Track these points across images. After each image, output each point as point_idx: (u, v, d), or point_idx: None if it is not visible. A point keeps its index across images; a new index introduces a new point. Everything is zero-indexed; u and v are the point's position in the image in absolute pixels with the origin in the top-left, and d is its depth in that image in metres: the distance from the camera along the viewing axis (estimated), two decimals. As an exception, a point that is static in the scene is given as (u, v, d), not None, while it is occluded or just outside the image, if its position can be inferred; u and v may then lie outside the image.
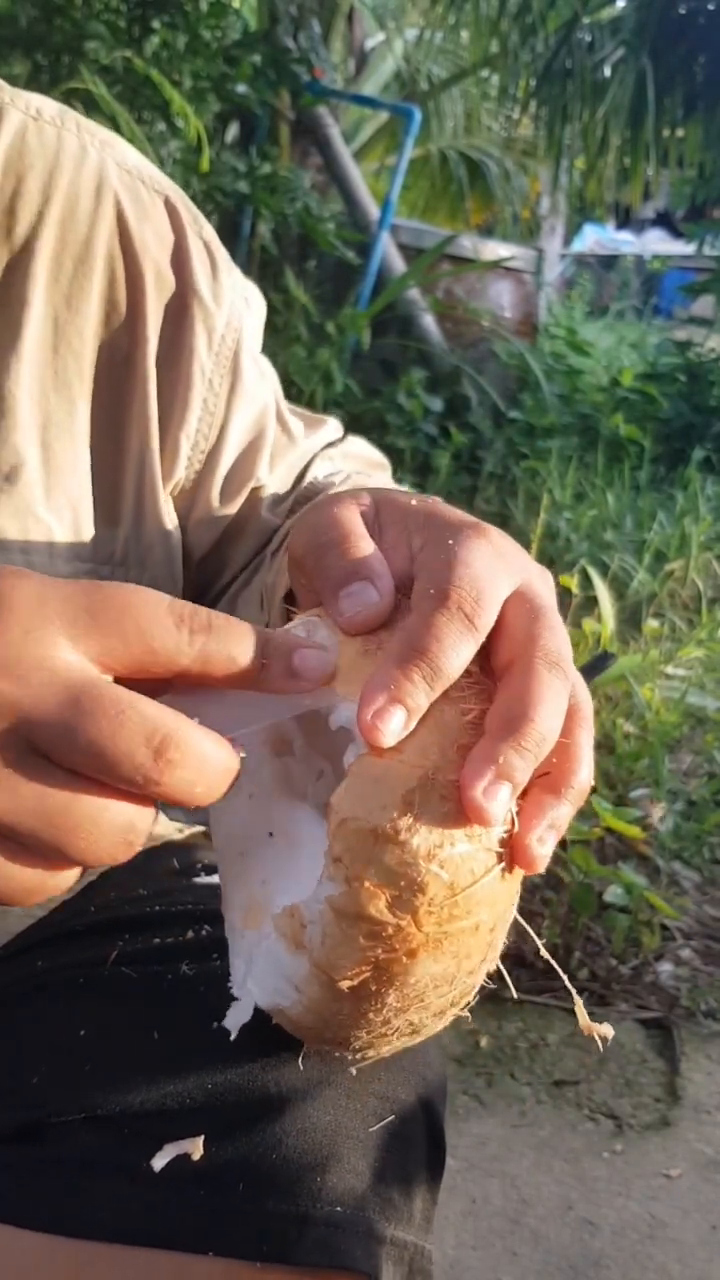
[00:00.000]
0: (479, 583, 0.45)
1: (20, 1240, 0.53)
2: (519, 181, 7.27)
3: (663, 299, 10.47)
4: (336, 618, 0.46)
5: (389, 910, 0.40)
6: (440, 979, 0.43)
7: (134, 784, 0.40)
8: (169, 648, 0.42)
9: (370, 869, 0.40)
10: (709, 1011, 1.77)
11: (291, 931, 0.43)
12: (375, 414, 4.33)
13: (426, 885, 0.40)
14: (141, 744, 0.40)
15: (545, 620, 0.47)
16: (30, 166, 0.65)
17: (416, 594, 0.45)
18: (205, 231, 0.73)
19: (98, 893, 0.72)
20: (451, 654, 0.43)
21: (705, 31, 5.05)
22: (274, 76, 4.15)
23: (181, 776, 0.40)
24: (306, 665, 0.44)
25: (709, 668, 2.81)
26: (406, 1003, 0.43)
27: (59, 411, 0.66)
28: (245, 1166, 0.53)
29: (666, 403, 5.11)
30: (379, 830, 0.40)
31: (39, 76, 3.45)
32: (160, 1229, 0.52)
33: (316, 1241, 0.51)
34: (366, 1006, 0.43)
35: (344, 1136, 0.54)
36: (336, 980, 0.42)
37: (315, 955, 0.42)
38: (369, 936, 0.41)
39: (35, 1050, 0.60)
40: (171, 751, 0.40)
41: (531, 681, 0.44)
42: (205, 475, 0.73)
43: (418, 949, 0.41)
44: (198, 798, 0.42)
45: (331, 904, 0.41)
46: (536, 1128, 1.52)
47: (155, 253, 0.69)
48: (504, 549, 0.48)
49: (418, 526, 0.49)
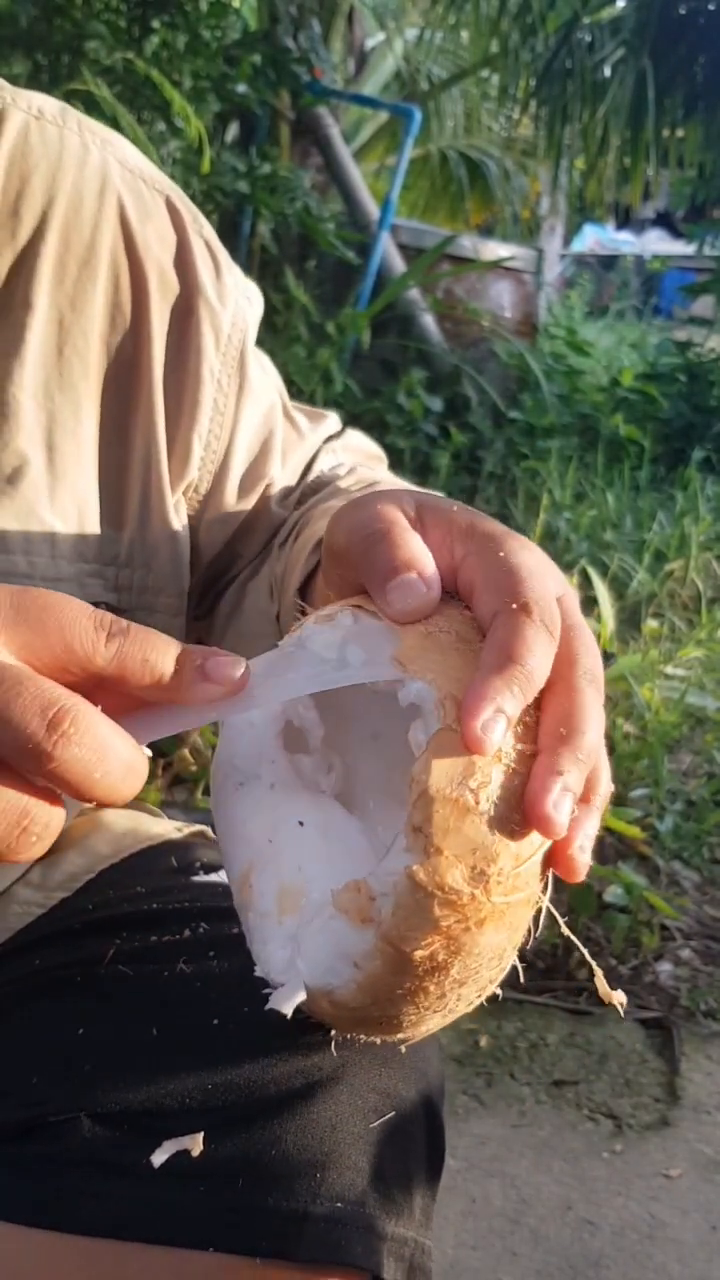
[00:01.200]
0: (546, 594, 0.46)
1: (21, 1238, 0.53)
2: (519, 181, 7.27)
3: (663, 299, 10.48)
4: (385, 608, 0.47)
5: (465, 880, 0.42)
6: (496, 950, 0.45)
7: (26, 755, 0.40)
8: (86, 647, 0.43)
9: (450, 838, 0.42)
10: (709, 1011, 1.77)
11: (357, 907, 0.44)
12: (375, 414, 4.33)
13: (498, 855, 0.42)
14: (36, 714, 0.40)
15: (583, 637, 0.48)
16: (34, 167, 0.65)
17: (487, 604, 0.46)
18: (206, 231, 0.73)
19: (96, 891, 0.72)
20: (542, 663, 0.45)
21: (705, 32, 5.04)
22: (274, 76, 4.15)
23: (76, 754, 0.40)
24: (220, 671, 0.45)
25: (708, 668, 2.81)
26: (466, 974, 0.44)
27: (64, 413, 0.66)
28: (245, 1163, 0.53)
29: (666, 403, 5.11)
30: (461, 801, 0.42)
31: (39, 76, 3.45)
32: (160, 1225, 0.52)
33: (316, 1238, 0.51)
34: (429, 980, 0.44)
35: (343, 1133, 0.54)
36: (408, 951, 0.43)
37: (385, 927, 0.43)
38: (444, 905, 0.42)
39: (34, 1049, 0.60)
40: (66, 724, 0.40)
41: (579, 698, 0.46)
42: (221, 475, 0.73)
43: (486, 919, 0.43)
44: (98, 785, 0.41)
45: (410, 874, 0.42)
46: (536, 1128, 1.52)
47: (158, 253, 0.69)
48: (543, 558, 0.50)
49: (460, 535, 0.49)
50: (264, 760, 0.51)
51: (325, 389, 4.11)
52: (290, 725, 0.53)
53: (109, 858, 0.75)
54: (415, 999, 0.45)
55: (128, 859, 0.75)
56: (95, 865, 0.74)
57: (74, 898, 0.72)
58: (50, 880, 0.74)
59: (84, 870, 0.74)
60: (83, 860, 0.75)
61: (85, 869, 0.74)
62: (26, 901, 0.72)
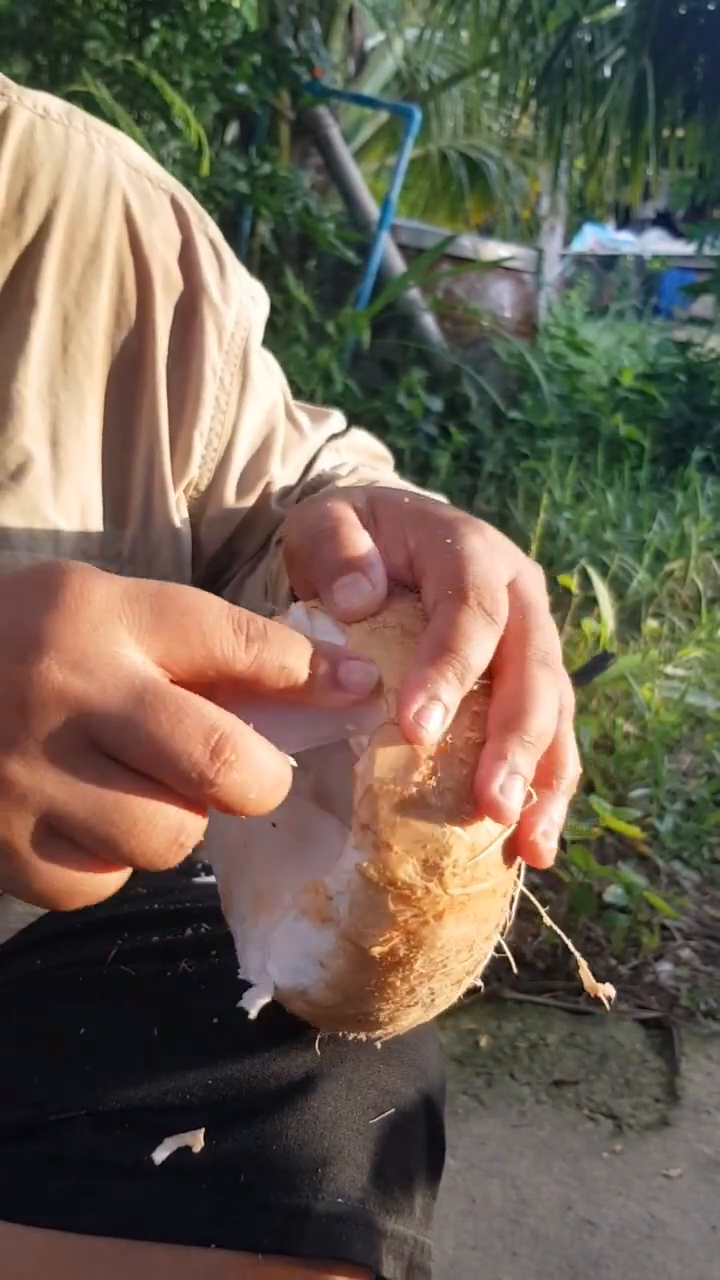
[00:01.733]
0: (490, 578, 0.46)
1: (22, 1237, 0.53)
2: (519, 181, 7.27)
3: (663, 299, 10.47)
4: (332, 608, 0.47)
5: (417, 874, 0.42)
6: (462, 943, 0.44)
7: (189, 782, 0.40)
8: (227, 653, 0.42)
9: (398, 833, 0.42)
10: (709, 1011, 1.77)
11: (316, 906, 0.44)
12: (375, 414, 4.33)
13: (451, 847, 0.42)
14: (200, 742, 0.40)
15: (536, 618, 0.48)
16: (40, 166, 0.65)
17: (431, 593, 0.46)
18: (210, 230, 0.73)
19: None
20: (479, 649, 0.44)
21: (706, 31, 5.04)
22: (274, 76, 4.15)
23: (236, 779, 0.41)
24: (352, 678, 0.44)
25: (708, 668, 2.81)
26: (432, 968, 0.44)
27: (68, 410, 0.66)
28: (246, 1159, 0.53)
29: (666, 403, 5.11)
30: (407, 794, 0.42)
31: (39, 77, 3.45)
32: (161, 1222, 0.52)
33: (318, 1234, 0.51)
34: (394, 975, 0.43)
35: (344, 1129, 0.55)
36: (366, 948, 0.42)
37: (343, 926, 0.43)
38: (398, 900, 0.42)
39: (35, 1049, 0.60)
40: (228, 752, 0.40)
41: (528, 680, 0.45)
42: (220, 473, 0.73)
43: (444, 911, 0.42)
44: (250, 804, 0.42)
45: (361, 871, 0.42)
46: (536, 1128, 1.52)
47: (163, 252, 0.69)
48: (497, 542, 0.49)
49: (413, 524, 0.49)
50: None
51: (325, 389, 4.11)
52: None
53: (110, 857, 0.75)
54: (384, 994, 0.44)
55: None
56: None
57: (75, 898, 0.72)
58: (51, 880, 0.74)
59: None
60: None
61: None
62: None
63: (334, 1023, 0.48)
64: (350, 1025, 0.48)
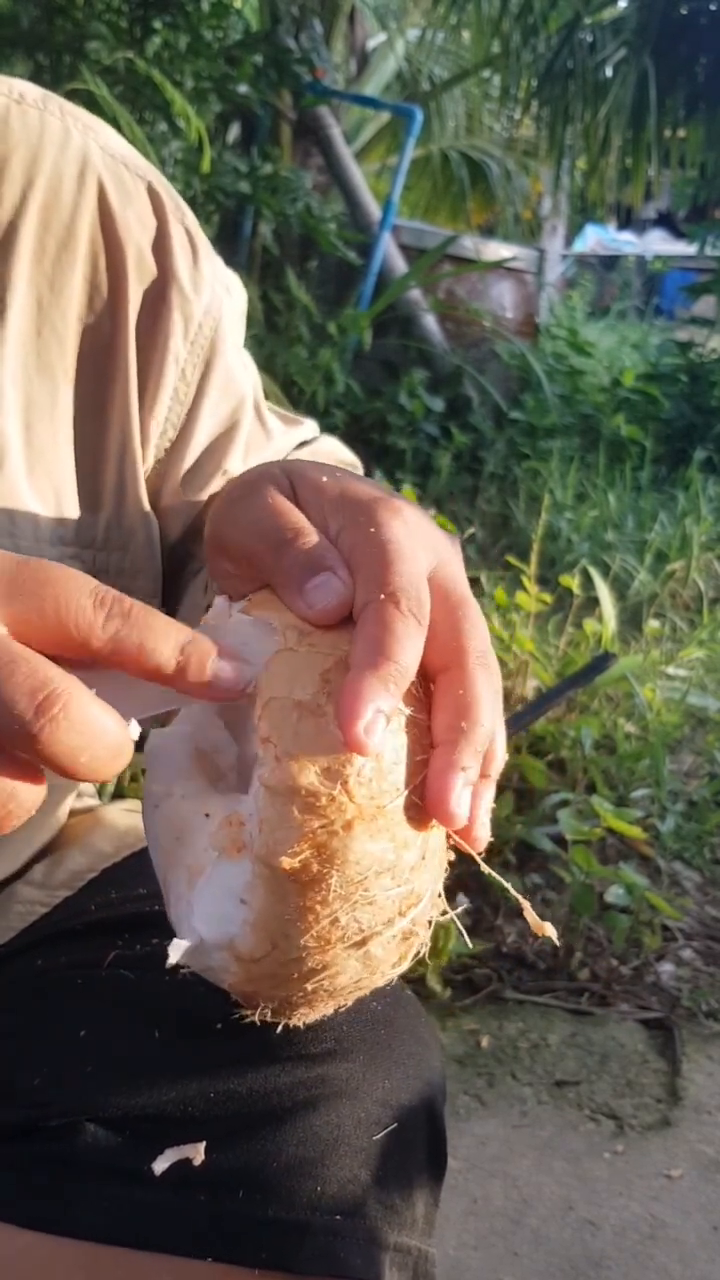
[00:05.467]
0: (416, 579, 0.46)
1: (20, 1240, 0.53)
2: (520, 182, 7.27)
3: (664, 299, 10.47)
4: (305, 610, 0.46)
5: (320, 780, 0.42)
6: (381, 865, 0.43)
7: (13, 736, 0.40)
8: (83, 625, 0.42)
9: (298, 741, 0.42)
10: (710, 1012, 1.76)
11: (230, 837, 0.45)
12: (377, 414, 4.33)
13: (352, 755, 0.42)
14: (26, 694, 0.40)
15: (467, 613, 0.48)
16: (13, 149, 0.64)
17: (361, 594, 0.46)
18: (187, 219, 0.72)
19: (98, 891, 0.72)
20: (412, 654, 0.44)
21: (707, 32, 5.04)
22: (275, 77, 4.15)
23: (64, 739, 0.40)
24: (222, 676, 0.44)
25: (710, 668, 2.81)
26: (349, 888, 0.43)
27: (41, 394, 0.65)
28: (245, 1174, 0.52)
29: (668, 403, 5.11)
30: (303, 704, 0.43)
31: (40, 77, 3.45)
32: (160, 1232, 0.52)
33: (316, 1250, 0.51)
34: (310, 897, 0.43)
35: (345, 1145, 0.54)
36: (277, 865, 0.42)
37: (256, 849, 0.43)
38: (304, 810, 0.42)
39: (36, 1050, 0.60)
40: (55, 708, 0.40)
41: (471, 685, 0.46)
42: (169, 463, 0.72)
43: (353, 820, 0.42)
44: (82, 768, 0.41)
45: (265, 783, 0.42)
46: (537, 1128, 1.52)
47: (137, 237, 0.68)
48: (417, 525, 0.49)
49: (333, 508, 0.49)
50: (177, 779, 0.50)
51: (326, 389, 4.11)
52: (199, 749, 0.52)
53: (111, 856, 0.75)
54: (306, 925, 0.43)
55: (129, 858, 0.75)
56: (98, 864, 0.74)
57: (76, 897, 0.72)
58: (53, 879, 0.74)
59: (86, 869, 0.74)
60: (85, 858, 0.75)
61: (88, 867, 0.74)
62: (29, 900, 0.72)
63: (273, 987, 0.46)
64: (288, 986, 0.46)
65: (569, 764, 2.22)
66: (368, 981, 0.47)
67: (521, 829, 2.02)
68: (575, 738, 2.19)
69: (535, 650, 2.33)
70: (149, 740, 0.51)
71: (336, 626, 0.46)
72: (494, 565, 3.38)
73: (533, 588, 2.35)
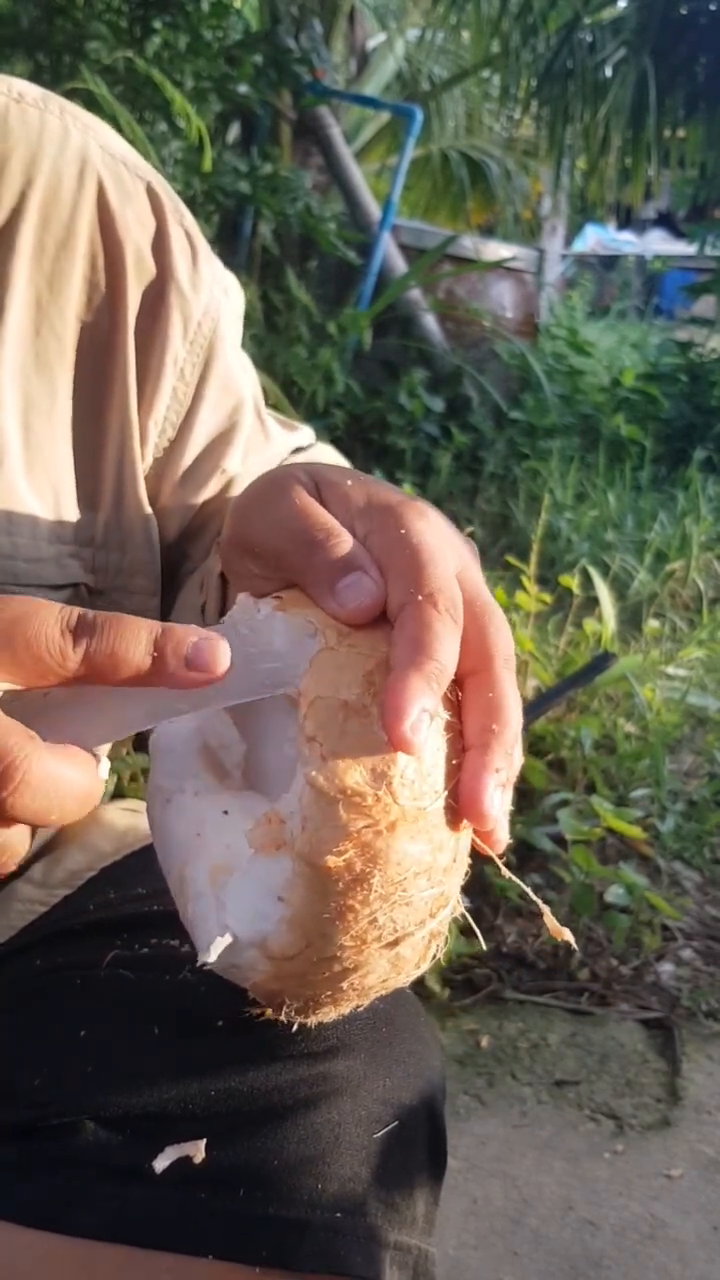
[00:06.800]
0: (449, 580, 0.47)
1: (21, 1239, 0.53)
2: (520, 182, 7.27)
3: (664, 299, 10.47)
4: (336, 610, 0.46)
5: (366, 781, 0.42)
6: (419, 867, 0.44)
7: None
8: (55, 654, 0.42)
9: (345, 741, 0.43)
10: (710, 1012, 1.76)
11: (270, 835, 0.44)
12: (377, 414, 4.33)
13: (397, 758, 0.43)
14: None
15: (494, 620, 0.49)
16: (13, 148, 0.64)
17: (395, 595, 0.46)
18: (186, 220, 0.72)
19: (97, 890, 0.72)
20: (451, 654, 0.45)
21: (707, 32, 5.05)
22: (275, 77, 4.15)
23: (29, 804, 0.41)
24: (200, 657, 0.44)
25: (710, 668, 2.81)
26: (390, 888, 0.43)
27: (40, 393, 0.65)
28: (246, 1171, 0.53)
29: (668, 403, 5.11)
30: (349, 703, 0.43)
31: (40, 76, 3.45)
32: (160, 1230, 0.52)
33: (316, 1248, 0.51)
34: (353, 896, 0.43)
35: (346, 1144, 0.54)
36: (321, 864, 0.42)
37: (298, 846, 0.43)
38: (350, 809, 0.42)
39: (36, 1050, 0.60)
40: (15, 778, 0.40)
41: (500, 687, 0.47)
42: (168, 463, 0.72)
43: (396, 823, 0.43)
44: (54, 821, 0.42)
45: (311, 783, 0.42)
46: (537, 1128, 1.52)
47: (136, 236, 0.68)
48: (442, 528, 0.50)
49: (360, 511, 0.49)
50: (187, 776, 0.50)
51: (326, 389, 4.10)
52: (206, 745, 0.52)
53: (110, 855, 0.75)
54: (345, 924, 0.43)
55: (128, 857, 0.75)
56: (97, 863, 0.74)
57: (75, 896, 0.72)
58: (52, 878, 0.74)
59: (85, 868, 0.74)
60: (84, 857, 0.75)
61: (87, 866, 0.74)
62: (29, 899, 0.73)
63: (301, 985, 0.46)
64: (319, 988, 0.46)
65: (569, 764, 2.22)
66: (393, 981, 0.48)
67: (521, 829, 2.02)
68: (575, 738, 2.19)
69: (535, 650, 2.34)
70: (155, 733, 0.51)
71: (369, 627, 0.46)
72: (494, 565, 3.38)
73: (532, 587, 2.35)
